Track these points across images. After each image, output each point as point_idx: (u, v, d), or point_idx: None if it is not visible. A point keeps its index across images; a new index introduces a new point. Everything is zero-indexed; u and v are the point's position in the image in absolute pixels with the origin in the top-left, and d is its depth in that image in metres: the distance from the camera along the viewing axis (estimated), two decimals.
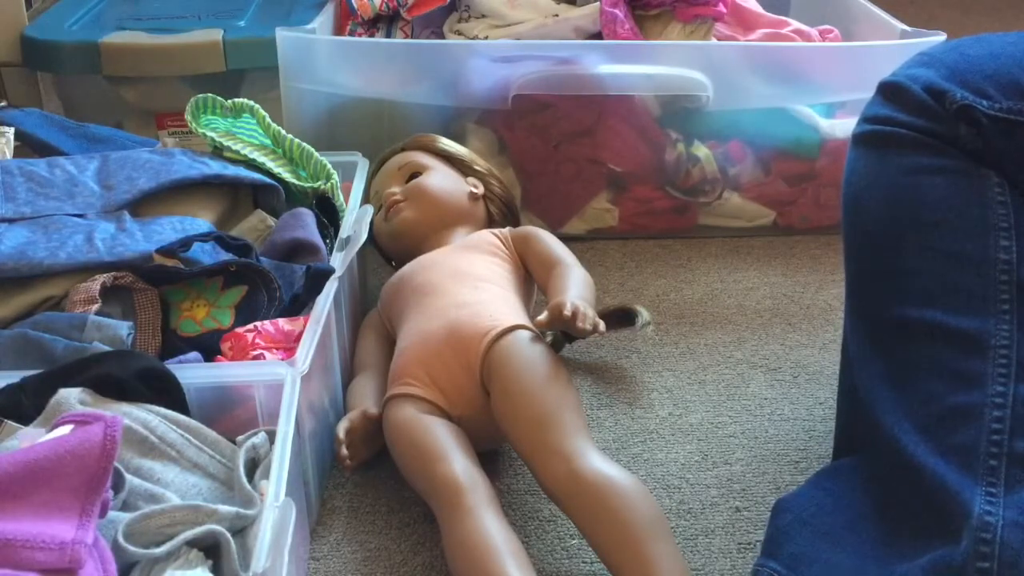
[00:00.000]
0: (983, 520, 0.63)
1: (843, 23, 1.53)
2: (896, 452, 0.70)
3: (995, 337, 0.69)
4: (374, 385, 0.98)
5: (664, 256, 1.35)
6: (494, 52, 1.30)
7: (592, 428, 1.01)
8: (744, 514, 0.90)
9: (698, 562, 0.85)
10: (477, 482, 0.81)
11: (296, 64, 1.28)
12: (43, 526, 0.58)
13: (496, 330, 0.90)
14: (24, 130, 1.08)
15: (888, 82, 0.77)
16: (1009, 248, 0.71)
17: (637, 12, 1.38)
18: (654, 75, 1.31)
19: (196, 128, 1.07)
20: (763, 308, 1.23)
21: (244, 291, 0.90)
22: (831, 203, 1.38)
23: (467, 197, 1.15)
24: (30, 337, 0.81)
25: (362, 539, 0.87)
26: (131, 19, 1.47)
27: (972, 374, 0.69)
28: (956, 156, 0.73)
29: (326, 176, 1.07)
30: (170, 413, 0.74)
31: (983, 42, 0.76)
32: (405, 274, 1.04)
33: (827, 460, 0.92)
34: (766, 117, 1.35)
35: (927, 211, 0.73)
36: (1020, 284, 0.70)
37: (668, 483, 0.94)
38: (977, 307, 0.70)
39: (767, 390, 1.08)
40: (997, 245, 0.71)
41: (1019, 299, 0.70)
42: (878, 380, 0.75)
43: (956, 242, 0.72)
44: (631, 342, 1.15)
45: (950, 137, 0.73)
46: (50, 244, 0.88)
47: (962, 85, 0.72)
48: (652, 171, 1.36)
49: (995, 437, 0.66)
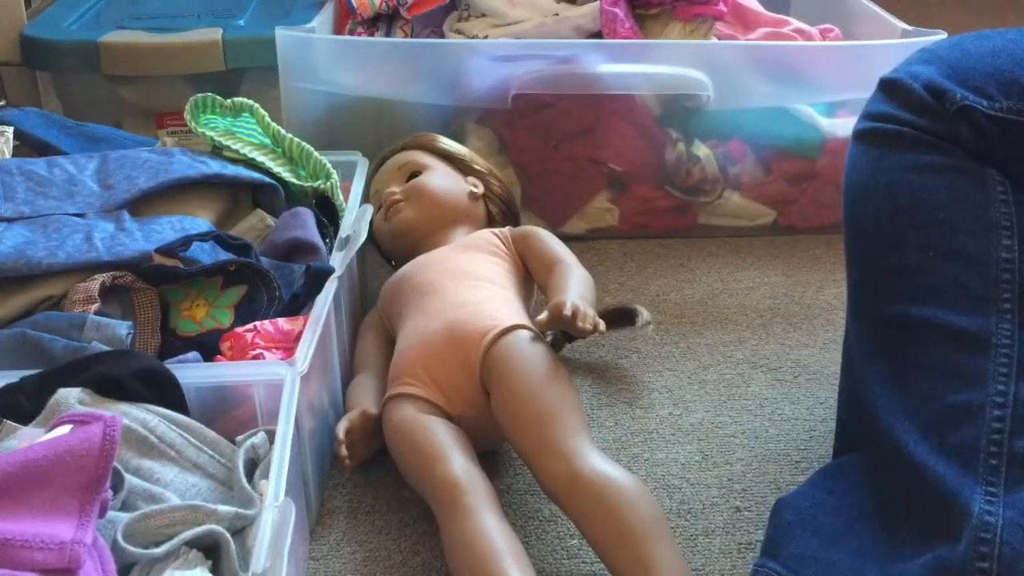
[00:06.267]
0: (983, 520, 0.63)
1: (844, 22, 1.53)
2: (896, 451, 0.70)
3: (996, 336, 0.69)
4: (374, 385, 0.98)
5: (664, 256, 1.35)
6: (494, 51, 1.30)
7: (592, 428, 1.01)
8: (744, 514, 0.90)
9: (698, 562, 0.85)
10: (477, 482, 0.81)
11: (296, 63, 1.28)
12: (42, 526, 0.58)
13: (496, 330, 0.90)
14: (23, 129, 1.08)
15: (889, 79, 0.77)
16: (1011, 247, 0.71)
17: (637, 11, 1.38)
18: (654, 74, 1.31)
19: (195, 127, 1.07)
20: (764, 308, 1.23)
21: (244, 291, 0.90)
22: (832, 202, 1.37)
23: (467, 196, 1.15)
24: (29, 337, 0.80)
25: (362, 539, 0.87)
26: (130, 18, 1.47)
27: (973, 373, 0.68)
28: (957, 155, 0.73)
29: (326, 175, 1.07)
30: (169, 413, 0.74)
31: (985, 38, 0.76)
32: (405, 274, 1.04)
33: (828, 460, 0.92)
34: (767, 116, 1.35)
35: (928, 209, 0.73)
36: (1021, 283, 0.70)
37: (668, 483, 0.94)
38: (978, 306, 0.70)
39: (767, 390, 1.08)
40: (999, 244, 0.71)
41: (1020, 298, 0.70)
42: (879, 379, 0.75)
43: (957, 241, 0.72)
44: (631, 342, 1.15)
45: (951, 136, 0.73)
46: (49, 244, 0.88)
47: (962, 84, 0.72)
48: (652, 170, 1.36)
49: (995, 436, 0.66)
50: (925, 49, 0.78)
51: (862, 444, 0.78)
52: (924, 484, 0.67)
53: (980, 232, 0.71)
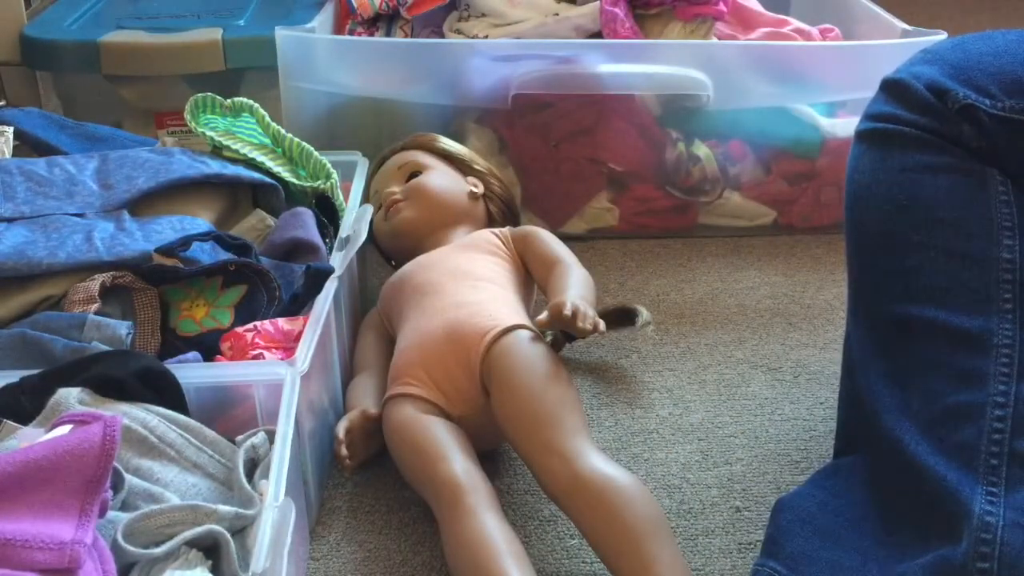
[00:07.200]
0: (983, 520, 0.63)
1: (844, 22, 1.53)
2: (897, 451, 0.70)
3: (997, 336, 0.69)
4: (374, 385, 0.98)
5: (664, 256, 1.35)
6: (494, 51, 1.30)
7: (592, 428, 1.01)
8: (744, 514, 0.90)
9: (698, 562, 0.85)
10: (477, 482, 0.81)
11: (296, 63, 1.28)
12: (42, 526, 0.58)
13: (496, 330, 0.90)
14: (23, 129, 1.08)
15: (891, 79, 0.77)
16: (1012, 247, 0.71)
17: (637, 11, 1.38)
18: (654, 74, 1.31)
19: (195, 127, 1.07)
20: (763, 307, 1.23)
21: (243, 291, 0.90)
22: (832, 202, 1.38)
23: (467, 196, 1.15)
24: (29, 337, 0.80)
25: (362, 539, 0.87)
26: (130, 18, 1.47)
27: (974, 373, 0.68)
28: (959, 155, 0.73)
29: (326, 175, 1.07)
30: (169, 413, 0.74)
31: (987, 39, 0.76)
32: (405, 273, 1.04)
33: (828, 460, 0.92)
34: (767, 116, 1.35)
35: (930, 209, 0.73)
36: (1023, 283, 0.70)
37: (668, 483, 0.94)
38: (980, 306, 0.70)
39: (767, 390, 1.08)
40: (1000, 244, 0.71)
41: (1022, 298, 0.70)
42: (879, 379, 0.75)
43: (959, 241, 0.72)
44: (631, 342, 1.15)
45: (953, 136, 0.73)
46: (49, 243, 0.88)
47: (965, 83, 0.72)
48: (652, 170, 1.36)
49: (996, 436, 0.66)
50: (927, 50, 0.78)
51: (863, 444, 0.78)
52: (925, 484, 0.67)
53: (981, 232, 0.71)
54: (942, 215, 0.73)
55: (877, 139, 0.77)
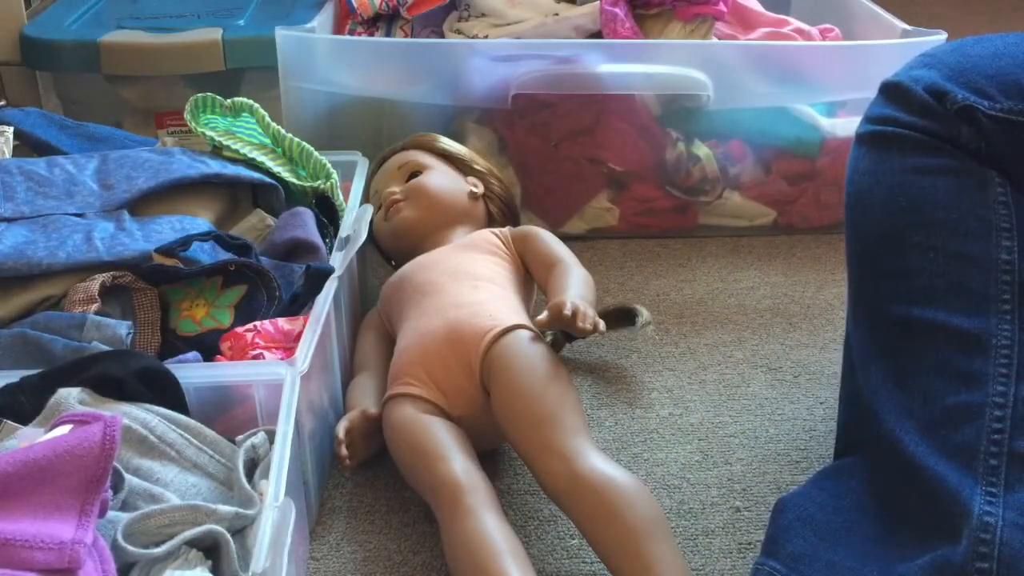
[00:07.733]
0: (983, 520, 0.63)
1: (844, 22, 1.53)
2: (897, 451, 0.70)
3: (996, 337, 0.69)
4: (374, 385, 0.98)
5: (664, 256, 1.35)
6: (494, 51, 1.30)
7: (592, 428, 1.01)
8: (744, 514, 0.90)
9: (698, 562, 0.85)
10: (477, 482, 0.81)
11: (296, 63, 1.28)
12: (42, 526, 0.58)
13: (496, 330, 0.90)
14: (23, 129, 1.08)
15: (890, 83, 0.77)
16: (1011, 248, 0.71)
17: (637, 11, 1.38)
18: (654, 74, 1.31)
19: (195, 127, 1.07)
20: (763, 308, 1.23)
21: (243, 290, 0.90)
22: (832, 202, 1.38)
23: (467, 196, 1.15)
24: (29, 337, 0.80)
25: (362, 539, 0.87)
26: (130, 18, 1.47)
27: (973, 374, 0.69)
28: (958, 156, 0.73)
29: (326, 175, 1.07)
30: (169, 413, 0.74)
31: (985, 42, 0.76)
32: (405, 273, 1.04)
33: (828, 460, 0.92)
34: (767, 116, 1.35)
35: (929, 211, 0.73)
36: (1021, 284, 0.70)
37: (668, 483, 0.94)
38: (978, 307, 0.70)
39: (767, 390, 1.08)
40: (999, 245, 0.71)
41: (1020, 299, 0.70)
42: (879, 379, 0.75)
43: (958, 242, 0.72)
44: (631, 342, 1.15)
45: (951, 137, 0.73)
46: (49, 243, 0.88)
47: (963, 85, 0.72)
48: (652, 170, 1.36)
49: (996, 437, 0.66)
50: (926, 53, 0.78)
51: (863, 444, 0.78)
52: (924, 484, 0.67)
53: (980, 233, 0.72)
54: (941, 216, 0.73)
55: (877, 142, 0.77)
